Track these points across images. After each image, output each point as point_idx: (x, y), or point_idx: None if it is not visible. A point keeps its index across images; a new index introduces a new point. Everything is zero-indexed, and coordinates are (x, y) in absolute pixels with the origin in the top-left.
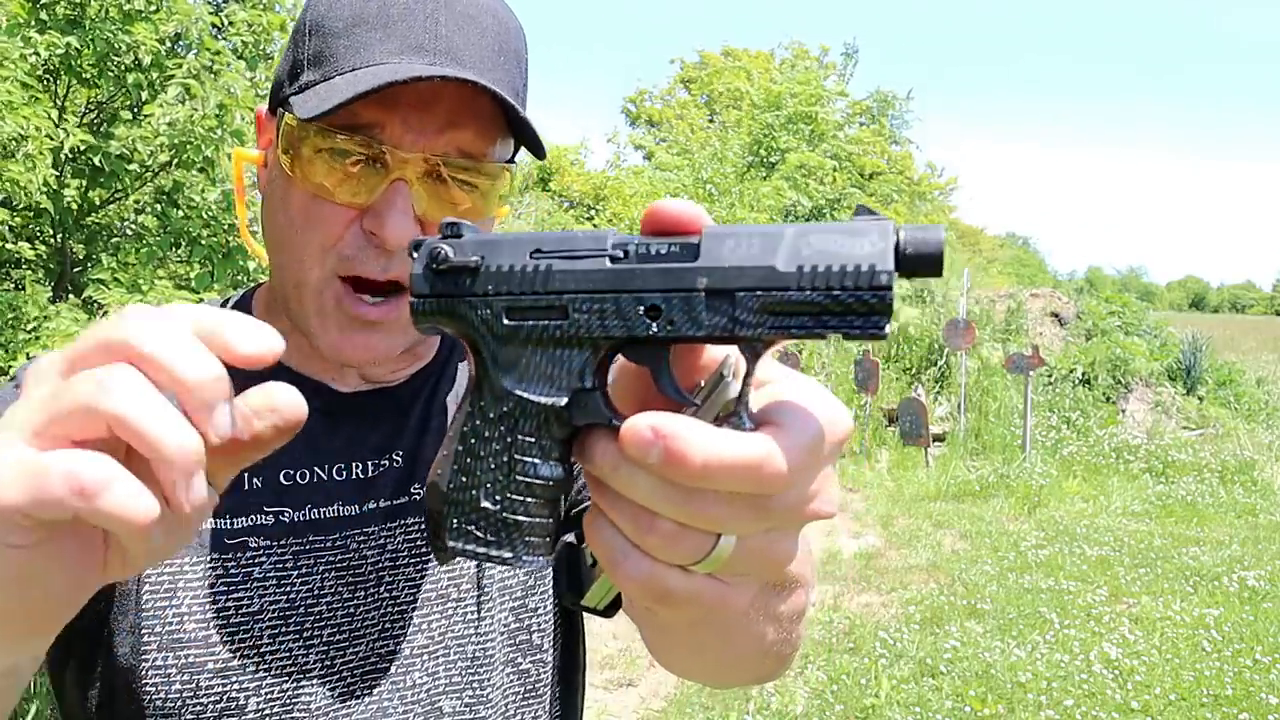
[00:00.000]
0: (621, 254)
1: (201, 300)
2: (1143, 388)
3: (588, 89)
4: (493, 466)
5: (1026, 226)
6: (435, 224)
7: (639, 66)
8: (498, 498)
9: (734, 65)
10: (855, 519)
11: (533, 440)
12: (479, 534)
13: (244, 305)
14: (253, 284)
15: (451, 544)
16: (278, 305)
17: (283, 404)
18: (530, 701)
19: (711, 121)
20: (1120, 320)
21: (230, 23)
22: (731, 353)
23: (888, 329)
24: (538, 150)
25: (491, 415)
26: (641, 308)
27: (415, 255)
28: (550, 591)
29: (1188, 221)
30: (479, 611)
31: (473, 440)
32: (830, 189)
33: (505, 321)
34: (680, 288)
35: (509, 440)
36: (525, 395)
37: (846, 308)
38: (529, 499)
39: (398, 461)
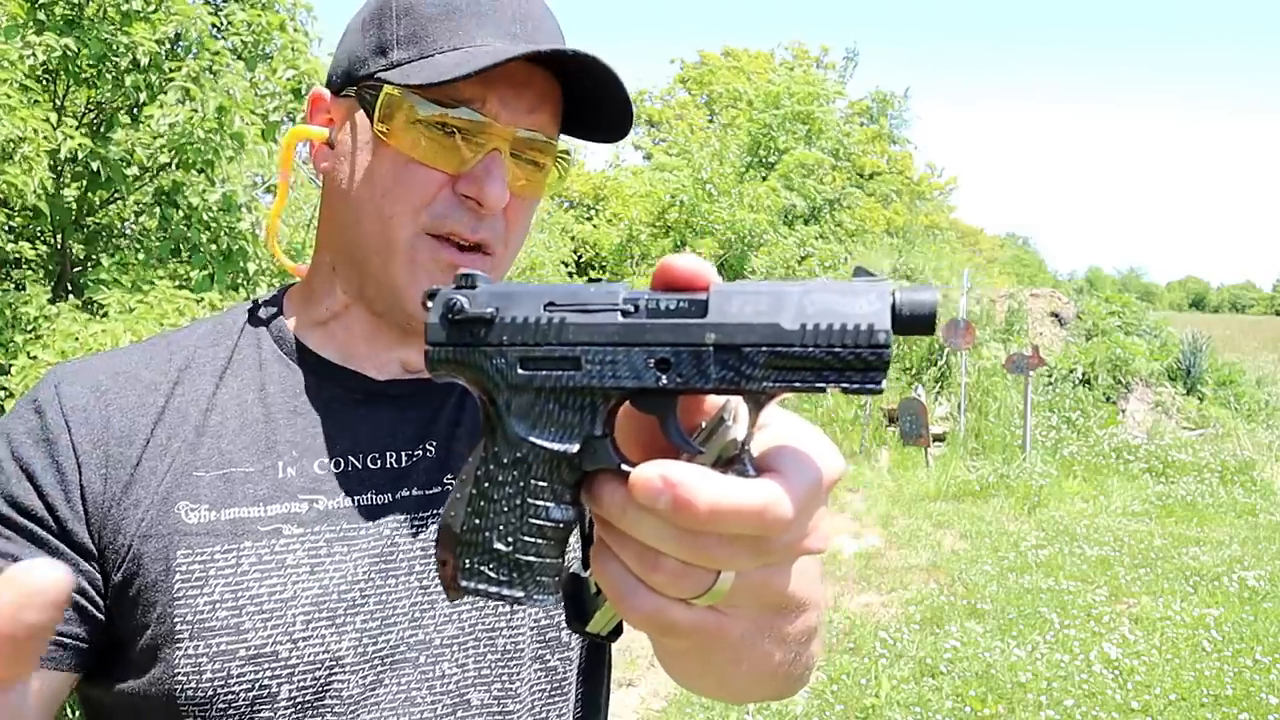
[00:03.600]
0: (632, 308)
1: (202, 302)
2: (1143, 388)
3: None
4: (505, 510)
5: (1026, 226)
6: (512, 194)
7: (639, 66)
8: (510, 539)
9: (733, 66)
10: (855, 519)
11: (545, 485)
12: (491, 574)
13: (274, 304)
14: (255, 285)
15: (464, 583)
16: (326, 288)
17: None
18: (556, 699)
19: (711, 122)
20: (1120, 320)
21: (229, 23)
22: (732, 397)
23: (884, 384)
24: (614, 133)
25: (505, 460)
26: (652, 361)
27: (430, 304)
28: None
29: (1188, 221)
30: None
31: (486, 484)
32: (830, 188)
33: (520, 371)
34: (690, 342)
35: (522, 485)
36: (538, 442)
37: (846, 364)
38: (540, 540)
39: (431, 451)
